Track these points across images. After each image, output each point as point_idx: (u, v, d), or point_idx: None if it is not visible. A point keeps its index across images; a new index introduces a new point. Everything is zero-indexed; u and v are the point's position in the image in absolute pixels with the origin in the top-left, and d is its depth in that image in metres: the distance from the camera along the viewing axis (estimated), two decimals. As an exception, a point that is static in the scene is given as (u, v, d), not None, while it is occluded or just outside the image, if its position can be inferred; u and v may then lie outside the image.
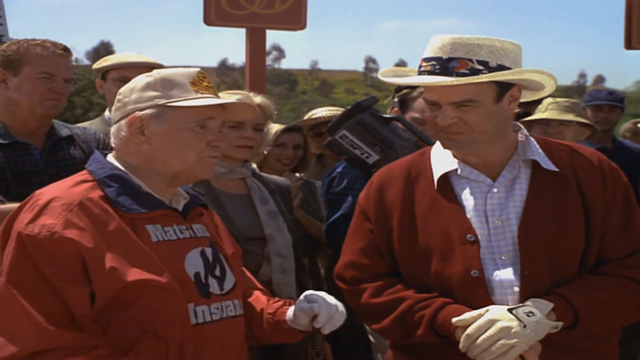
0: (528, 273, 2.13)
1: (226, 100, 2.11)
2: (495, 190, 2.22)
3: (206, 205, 2.24)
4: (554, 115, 4.22)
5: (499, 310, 2.06)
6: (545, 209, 2.18)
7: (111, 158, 2.10)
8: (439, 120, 2.16)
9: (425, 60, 2.17)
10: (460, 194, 2.24)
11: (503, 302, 2.12)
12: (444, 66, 2.12)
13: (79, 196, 1.94)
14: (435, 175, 2.27)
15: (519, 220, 2.18)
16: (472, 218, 2.20)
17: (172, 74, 2.07)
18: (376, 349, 3.46)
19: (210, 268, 2.07)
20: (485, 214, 2.20)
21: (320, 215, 3.90)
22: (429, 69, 2.15)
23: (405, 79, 2.33)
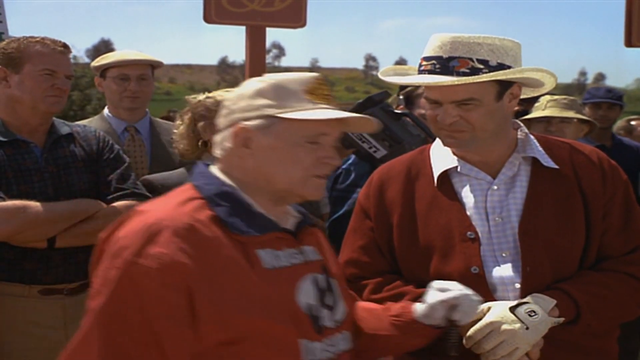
0: (529, 270, 2.13)
1: (345, 114, 1.83)
2: (495, 188, 2.22)
3: (314, 223, 2.01)
4: (555, 113, 4.22)
5: (500, 310, 2.05)
6: (546, 206, 2.19)
7: (217, 171, 1.87)
8: (440, 119, 2.17)
9: (426, 59, 2.17)
10: (460, 191, 2.24)
11: (504, 299, 2.12)
12: (444, 65, 2.12)
13: (188, 217, 1.71)
14: (435, 173, 2.27)
15: (520, 217, 2.18)
16: (473, 215, 2.20)
17: (286, 79, 1.85)
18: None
19: (322, 297, 1.85)
20: (486, 211, 2.20)
21: (319, 213, 3.89)
22: (429, 68, 2.15)
23: (406, 79, 2.33)
